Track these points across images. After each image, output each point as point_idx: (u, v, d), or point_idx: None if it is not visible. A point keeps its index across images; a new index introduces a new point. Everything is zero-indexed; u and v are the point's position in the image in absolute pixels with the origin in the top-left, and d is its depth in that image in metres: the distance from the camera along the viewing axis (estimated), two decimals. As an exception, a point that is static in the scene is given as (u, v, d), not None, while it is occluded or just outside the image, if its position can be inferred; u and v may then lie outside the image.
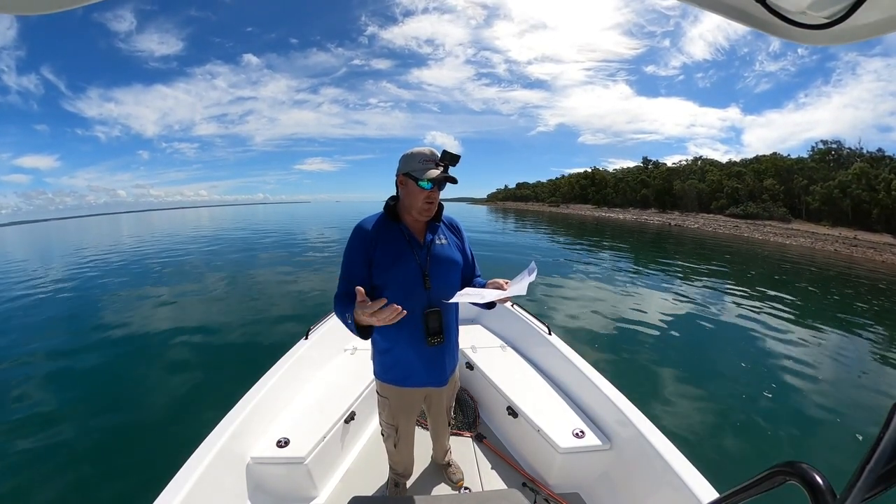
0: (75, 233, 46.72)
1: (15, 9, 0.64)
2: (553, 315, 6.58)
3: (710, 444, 3.30)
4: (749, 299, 8.65)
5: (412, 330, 1.36)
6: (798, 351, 5.60)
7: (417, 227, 1.41)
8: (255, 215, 72.14)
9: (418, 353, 1.41)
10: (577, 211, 66.57)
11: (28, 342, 5.96)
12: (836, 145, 47.29)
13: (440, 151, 1.28)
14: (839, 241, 27.65)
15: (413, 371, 1.45)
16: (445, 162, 1.28)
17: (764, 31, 0.81)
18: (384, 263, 1.33)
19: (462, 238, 1.52)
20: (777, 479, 0.56)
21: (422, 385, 1.50)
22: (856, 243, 26.29)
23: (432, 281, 1.36)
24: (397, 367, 1.46)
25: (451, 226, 1.51)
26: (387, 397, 1.55)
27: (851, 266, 16.65)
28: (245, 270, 11.69)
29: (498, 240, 20.47)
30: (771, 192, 45.59)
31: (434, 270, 1.37)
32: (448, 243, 1.44)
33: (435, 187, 1.30)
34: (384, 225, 1.38)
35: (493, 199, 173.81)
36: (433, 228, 1.43)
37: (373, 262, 1.34)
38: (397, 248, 1.35)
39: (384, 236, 1.35)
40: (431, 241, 1.40)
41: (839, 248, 23.99)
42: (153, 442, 3.22)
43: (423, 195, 1.29)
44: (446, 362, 1.48)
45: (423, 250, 1.38)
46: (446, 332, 1.41)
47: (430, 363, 1.44)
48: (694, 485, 1.43)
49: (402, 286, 1.33)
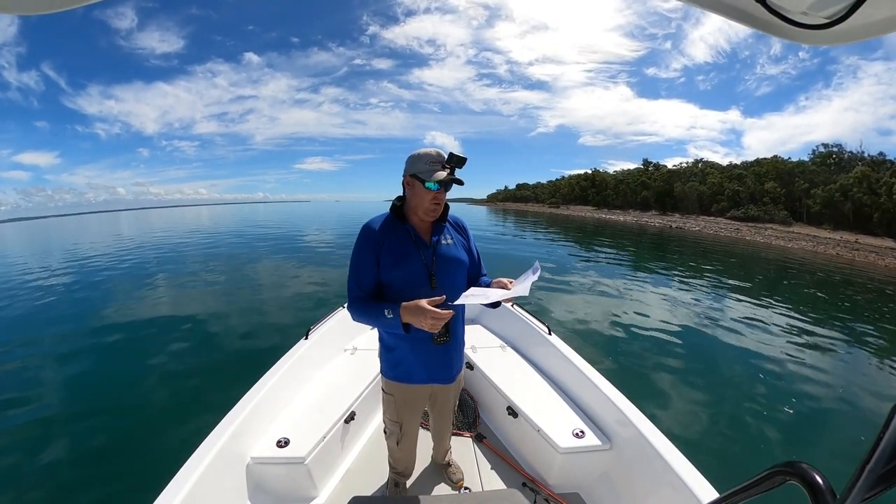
0: (74, 230, 46.74)
1: (15, 9, 0.65)
2: (553, 315, 6.58)
3: (711, 444, 3.30)
4: (753, 303, 8.65)
5: (418, 329, 1.35)
6: (800, 353, 5.59)
7: (423, 228, 1.42)
8: (254, 214, 72.26)
9: (425, 351, 1.43)
10: (578, 212, 66.55)
11: (27, 342, 5.96)
12: (838, 149, 47.17)
13: (447, 153, 1.30)
14: (840, 244, 27.45)
15: (419, 369, 1.47)
16: (452, 164, 1.31)
17: (764, 32, 0.81)
18: (390, 263, 1.35)
19: (468, 237, 1.53)
20: (777, 479, 0.56)
21: (427, 382, 1.52)
22: (857, 247, 26.11)
23: (438, 280, 1.37)
24: (403, 364, 1.48)
25: (457, 225, 1.52)
26: (392, 394, 1.57)
27: (855, 270, 16.53)
28: (245, 270, 11.70)
29: (499, 240, 20.48)
30: (772, 195, 45.42)
31: (440, 270, 1.39)
32: (454, 243, 1.46)
33: (441, 189, 1.31)
34: (390, 225, 1.39)
35: (492, 200, 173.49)
36: (439, 228, 1.45)
37: (379, 262, 1.35)
38: (403, 248, 1.36)
39: (390, 236, 1.37)
40: (437, 241, 1.42)
41: (841, 252, 23.83)
42: (153, 442, 3.22)
43: (430, 196, 1.31)
44: (453, 360, 1.51)
45: (428, 250, 1.40)
46: (452, 332, 1.44)
47: (436, 361, 1.46)
48: (694, 485, 1.43)
49: (408, 286, 1.34)
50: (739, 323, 6.87)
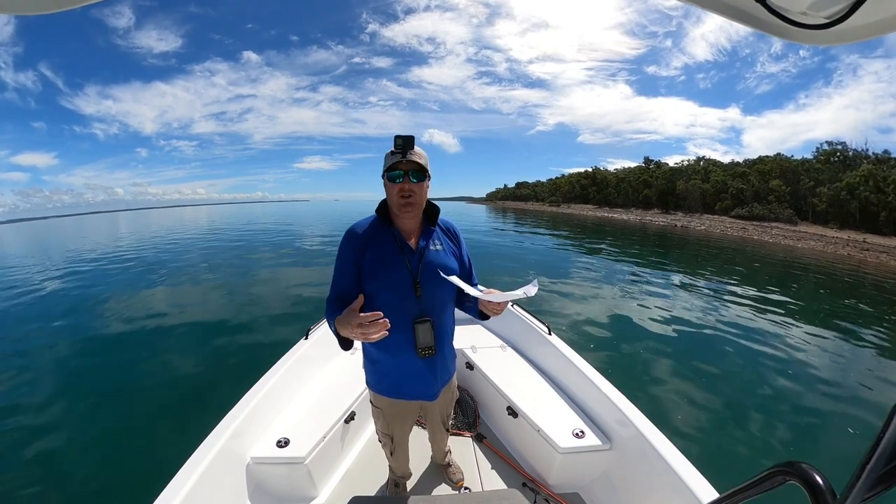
0: (73, 230, 46.77)
1: (15, 9, 0.64)
2: (553, 315, 6.57)
3: (711, 443, 3.30)
4: (754, 302, 8.60)
5: (402, 341, 1.28)
6: (803, 355, 5.57)
7: (410, 231, 1.33)
8: (253, 214, 72.24)
9: (409, 364, 1.33)
10: (579, 211, 66.30)
11: (25, 342, 5.98)
12: (842, 146, 46.61)
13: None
14: (850, 244, 26.62)
15: (404, 383, 1.39)
16: (399, 148, 1.19)
17: (764, 32, 0.81)
18: (373, 269, 1.26)
19: (459, 244, 1.43)
20: (777, 479, 0.56)
21: (414, 398, 1.44)
22: (867, 247, 25.25)
23: (423, 289, 1.27)
24: (388, 378, 1.41)
25: (448, 231, 1.42)
26: (380, 408, 1.51)
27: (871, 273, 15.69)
28: (245, 270, 11.72)
29: (501, 237, 20.45)
30: (777, 194, 44.75)
31: (426, 278, 1.27)
32: (443, 249, 1.35)
33: (406, 178, 1.21)
34: (376, 229, 1.31)
35: (492, 199, 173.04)
36: (427, 233, 1.35)
37: (362, 267, 1.28)
38: (387, 253, 1.27)
39: (375, 240, 1.29)
40: (425, 247, 1.31)
41: (852, 253, 23.00)
42: (153, 442, 3.23)
43: (395, 189, 1.23)
44: (437, 375, 1.39)
45: (415, 256, 1.29)
46: (439, 343, 1.32)
47: (421, 376, 1.36)
48: (694, 485, 1.43)
49: (392, 293, 1.26)
50: (743, 324, 6.84)
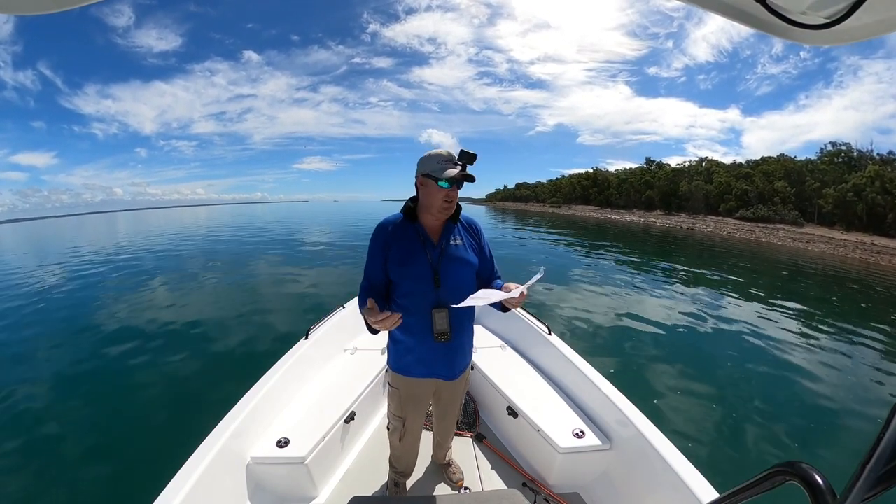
0: (71, 231, 46.70)
1: (15, 9, 0.65)
2: (553, 315, 6.57)
3: (711, 443, 3.29)
4: (753, 304, 8.59)
5: (421, 325, 1.43)
6: (801, 353, 5.56)
7: (433, 228, 1.47)
8: (253, 214, 72.20)
9: (426, 346, 1.47)
10: (580, 212, 66.12)
11: (25, 342, 5.98)
12: (846, 147, 45.68)
13: (457, 152, 1.36)
14: (859, 246, 26.11)
15: (420, 363, 1.51)
16: (463, 161, 1.35)
17: (764, 32, 0.81)
18: (398, 261, 1.42)
19: (480, 239, 1.56)
20: (777, 479, 0.56)
21: (430, 376, 1.54)
22: (878, 250, 24.78)
23: (443, 280, 1.42)
24: (406, 357, 1.53)
25: (469, 227, 1.55)
26: (397, 388, 1.60)
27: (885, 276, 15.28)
28: (245, 270, 11.73)
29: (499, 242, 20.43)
30: (782, 195, 43.86)
31: (445, 270, 1.43)
32: (463, 244, 1.49)
33: (454, 186, 1.35)
34: (402, 225, 1.46)
35: (491, 200, 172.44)
36: (449, 229, 1.48)
37: (389, 259, 1.43)
38: (411, 247, 1.43)
39: (400, 235, 1.44)
40: (446, 242, 1.46)
41: (864, 256, 22.41)
42: (153, 442, 3.23)
43: (442, 194, 1.36)
44: (455, 357, 1.53)
45: (436, 250, 1.44)
46: (455, 330, 1.46)
47: (436, 357, 1.49)
48: (694, 485, 1.43)
49: (414, 283, 1.41)
50: (748, 325, 6.82)
